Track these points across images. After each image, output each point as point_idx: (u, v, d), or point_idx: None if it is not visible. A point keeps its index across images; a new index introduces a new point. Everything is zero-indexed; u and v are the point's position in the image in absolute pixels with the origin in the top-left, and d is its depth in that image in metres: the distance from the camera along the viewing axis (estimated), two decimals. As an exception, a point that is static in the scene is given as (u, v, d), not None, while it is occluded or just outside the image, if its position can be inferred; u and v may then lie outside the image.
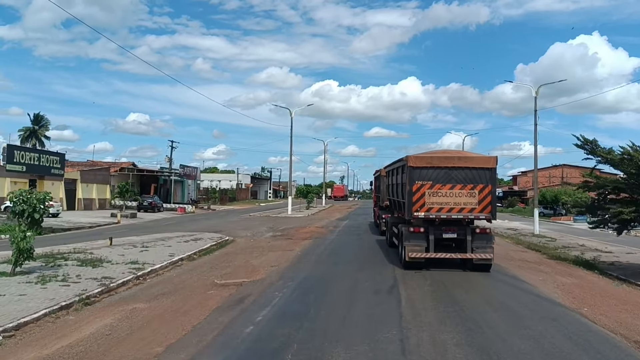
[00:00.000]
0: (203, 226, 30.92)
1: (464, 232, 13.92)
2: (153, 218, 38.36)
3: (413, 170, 14.06)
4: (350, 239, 23.48)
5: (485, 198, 13.73)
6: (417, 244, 13.89)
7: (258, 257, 17.10)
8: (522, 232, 32.26)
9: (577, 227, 45.88)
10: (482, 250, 13.87)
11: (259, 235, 25.11)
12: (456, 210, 13.74)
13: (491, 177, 13.99)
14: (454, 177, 13.80)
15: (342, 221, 36.30)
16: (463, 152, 18.12)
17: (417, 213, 13.83)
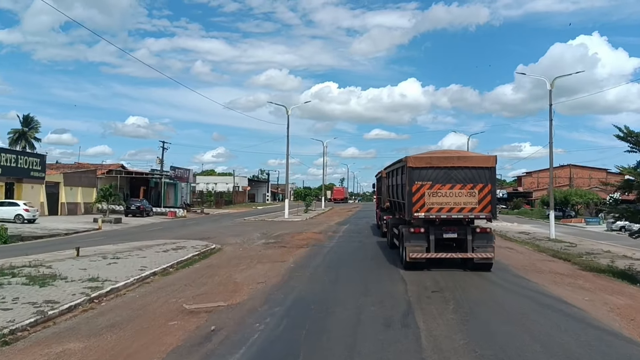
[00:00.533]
0: (191, 232, 28.54)
1: (464, 232, 13.93)
2: (139, 223, 35.92)
3: (412, 170, 14.04)
4: (351, 246, 21.02)
5: (485, 197, 13.72)
6: (417, 245, 13.91)
7: (244, 270, 14.67)
8: (536, 237, 29.89)
9: (591, 229, 43.46)
10: (482, 250, 13.87)
11: (250, 243, 22.69)
12: (456, 210, 13.74)
13: (491, 177, 13.95)
14: (453, 177, 13.79)
15: (342, 225, 33.79)
16: (462, 151, 17.76)
17: (417, 213, 13.82)
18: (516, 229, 38.74)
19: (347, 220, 41.72)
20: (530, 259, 17.35)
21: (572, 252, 20.33)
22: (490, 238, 14.24)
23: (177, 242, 22.07)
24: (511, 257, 17.57)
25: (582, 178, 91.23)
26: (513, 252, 19.36)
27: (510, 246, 21.58)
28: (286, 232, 28.00)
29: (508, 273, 13.89)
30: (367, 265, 15.47)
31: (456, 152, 16.17)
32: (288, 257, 17.28)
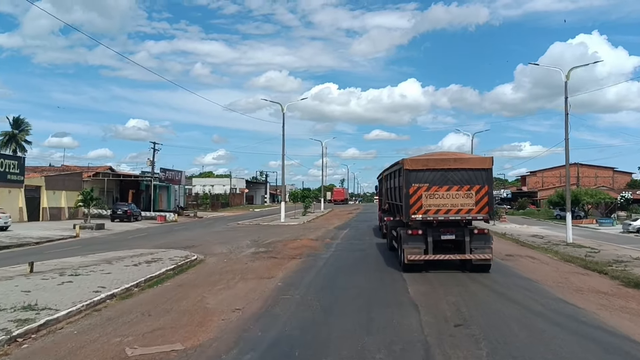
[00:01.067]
0: (176, 240, 26.08)
1: (462, 233, 14.01)
2: (124, 229, 33.42)
3: (409, 173, 14.12)
4: (350, 257, 18.47)
5: (482, 199, 13.76)
6: (415, 246, 14.03)
7: (222, 290, 12.20)
8: (552, 241, 27.43)
9: (606, 231, 40.88)
10: (480, 251, 13.93)
11: (238, 252, 20.22)
12: (453, 212, 13.83)
13: (487, 178, 13.97)
14: (450, 178, 13.84)
15: (342, 230, 31.25)
16: (459, 153, 17.86)
17: (414, 215, 13.93)
18: (526, 231, 36.30)
19: (347, 223, 39.24)
20: (560, 272, 14.80)
21: (598, 259, 17.88)
22: (488, 239, 14.23)
23: (155, 252, 19.62)
24: (538, 270, 15.08)
25: (588, 177, 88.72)
26: (537, 262, 16.88)
27: (530, 255, 19.08)
28: (280, 238, 25.50)
29: (544, 294, 11.38)
30: (370, 284, 12.93)
31: (453, 154, 16.05)
32: (277, 272, 14.80)
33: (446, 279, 13.01)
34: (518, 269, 15.12)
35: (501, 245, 23.64)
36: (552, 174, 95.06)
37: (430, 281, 12.76)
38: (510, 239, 27.83)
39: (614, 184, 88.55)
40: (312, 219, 44.77)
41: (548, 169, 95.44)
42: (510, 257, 18.11)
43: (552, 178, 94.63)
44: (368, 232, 29.50)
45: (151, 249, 20.74)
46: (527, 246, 23.11)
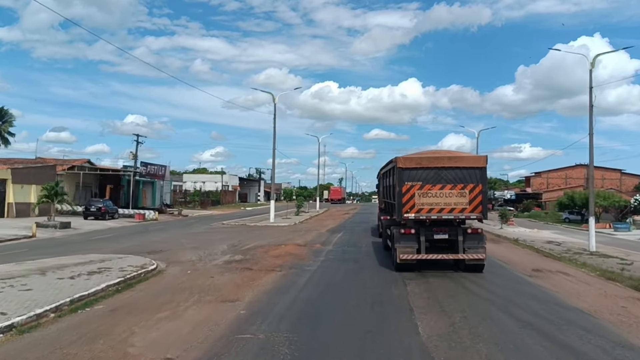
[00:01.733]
0: (143, 242, 22.78)
1: (455, 233, 13.87)
2: (93, 229, 30.03)
3: (402, 171, 14.00)
4: (342, 271, 15.04)
5: (476, 198, 13.62)
6: (408, 246, 13.84)
7: (162, 321, 8.92)
8: (571, 249, 24.33)
9: (623, 237, 37.58)
10: (474, 251, 13.75)
11: (208, 261, 16.94)
12: (447, 211, 13.67)
13: (481, 177, 13.83)
14: (443, 177, 13.69)
15: (335, 234, 27.83)
16: (452, 152, 17.20)
17: (407, 214, 13.78)
18: (538, 236, 33.08)
19: (341, 225, 35.84)
20: (610, 297, 11.40)
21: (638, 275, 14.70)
22: (482, 239, 14.04)
23: (109, 259, 16.34)
24: (580, 293, 11.71)
25: (595, 179, 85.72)
26: (574, 281, 13.53)
27: (561, 269, 15.74)
28: (263, 243, 22.15)
29: (610, 337, 7.97)
30: (364, 313, 9.59)
31: (446, 153, 15.80)
32: (245, 292, 11.49)
33: (471, 309, 9.70)
34: (555, 291, 11.85)
35: (521, 255, 20.47)
36: (558, 175, 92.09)
37: (447, 312, 9.39)
38: (526, 245, 24.65)
39: (621, 186, 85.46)
40: (305, 220, 41.44)
41: (553, 170, 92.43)
42: (539, 272, 14.81)
43: (558, 179, 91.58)
44: (364, 236, 26.18)
45: (106, 255, 17.46)
46: (551, 257, 19.82)
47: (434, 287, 11.86)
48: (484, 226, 41.71)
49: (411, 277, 13.37)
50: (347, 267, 15.69)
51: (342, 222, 39.07)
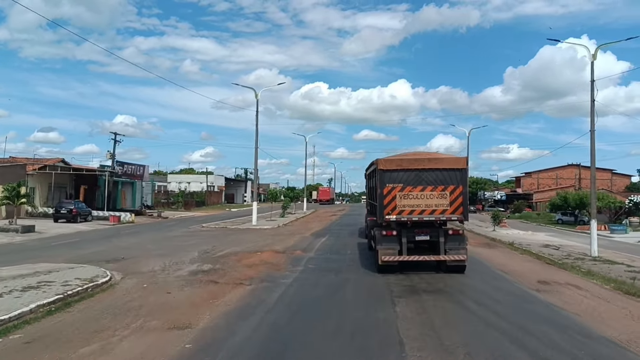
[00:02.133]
0: (109, 248, 20.73)
1: (436, 234, 13.92)
2: (59, 232, 27.78)
3: (383, 173, 14.00)
4: (321, 285, 13.03)
5: (457, 199, 13.64)
6: (389, 247, 13.86)
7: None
8: (571, 253, 22.64)
9: (621, 240, 35.95)
10: (455, 252, 13.84)
11: (172, 271, 14.93)
12: (428, 212, 13.70)
13: (462, 178, 13.88)
14: (424, 179, 13.72)
15: (319, 238, 25.82)
16: (433, 153, 17.38)
17: (388, 216, 13.79)
18: (533, 239, 31.37)
19: (327, 228, 33.82)
20: (638, 319, 9.66)
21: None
22: (463, 240, 14.14)
23: (57, 270, 14.28)
24: (604, 314, 9.78)
25: (585, 179, 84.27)
26: (588, 296, 11.62)
27: (570, 281, 13.80)
28: (238, 249, 20.12)
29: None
30: (342, 348, 7.52)
31: (427, 154, 15.75)
32: (202, 314, 9.52)
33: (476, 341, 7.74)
34: (572, 312, 9.94)
35: (520, 262, 18.61)
36: (548, 175, 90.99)
37: (447, 347, 7.33)
38: (523, 250, 22.89)
39: (612, 186, 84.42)
40: (290, 222, 39.41)
41: (544, 170, 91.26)
42: (547, 285, 12.92)
43: (548, 180, 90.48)
44: (350, 241, 24.24)
45: (57, 265, 15.38)
46: (553, 264, 17.98)
47: (428, 308, 9.93)
48: (477, 228, 40.29)
49: (400, 293, 11.47)
50: (328, 279, 13.69)
51: (328, 225, 37.10)
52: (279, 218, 42.58)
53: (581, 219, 53.46)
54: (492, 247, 23.62)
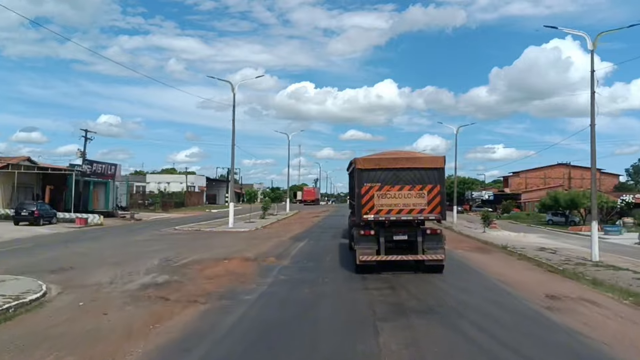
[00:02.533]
0: (60, 254, 18.59)
1: (414, 234, 13.92)
2: (12, 237, 25.14)
3: (361, 172, 14.02)
4: (292, 302, 10.97)
5: (435, 198, 13.71)
6: (367, 247, 13.82)
7: None
8: (570, 258, 20.99)
9: (618, 241, 34.03)
10: (433, 252, 13.84)
11: (121, 284, 12.79)
12: (405, 212, 13.73)
13: (440, 177, 13.97)
14: (402, 178, 13.74)
15: (297, 242, 23.67)
16: (411, 152, 17.57)
17: (366, 216, 13.81)
18: (527, 241, 29.65)
19: (308, 230, 31.78)
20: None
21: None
22: (440, 239, 14.11)
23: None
24: (637, 341, 7.95)
25: (574, 178, 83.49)
26: (610, 315, 9.60)
27: (583, 295, 11.80)
28: (205, 256, 17.94)
29: None
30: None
31: (405, 153, 15.87)
32: (132, 347, 7.41)
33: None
34: (598, 338, 7.99)
35: (520, 270, 16.69)
36: (536, 174, 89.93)
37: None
38: (521, 256, 21.09)
39: (600, 186, 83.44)
40: (270, 224, 37.33)
41: (532, 170, 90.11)
42: (556, 300, 10.97)
43: (537, 179, 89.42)
44: (332, 245, 22.21)
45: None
46: (557, 272, 16.10)
47: (419, 338, 7.90)
48: (466, 229, 38.47)
49: (385, 315, 9.43)
50: (300, 294, 11.57)
51: (310, 227, 35.04)
52: (259, 220, 40.45)
53: (572, 220, 52.07)
54: (487, 252, 21.74)
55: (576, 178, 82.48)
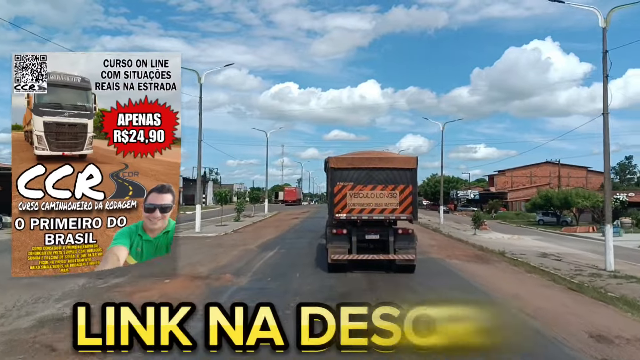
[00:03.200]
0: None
1: (386, 233, 14.18)
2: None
3: (334, 171, 14.22)
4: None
5: (407, 199, 13.97)
6: (339, 246, 14.05)
7: None
8: (579, 266, 18.34)
9: (620, 244, 30.40)
10: (404, 251, 14.09)
11: (13, 318, 9.52)
12: (377, 211, 13.97)
13: (412, 178, 14.20)
14: (375, 177, 13.97)
15: (267, 251, 20.21)
16: (384, 152, 18.10)
17: (338, 214, 14.03)
18: (524, 245, 26.82)
19: (282, 235, 28.39)
20: None
21: None
22: (412, 239, 14.35)
23: None
24: None
25: (563, 177, 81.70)
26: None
27: (631, 331, 8.88)
28: (145, 272, 14.17)
29: None
30: None
31: (378, 153, 16.12)
32: None
33: None
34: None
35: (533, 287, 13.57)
36: (522, 173, 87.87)
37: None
38: (522, 263, 18.16)
39: (587, 184, 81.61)
40: (243, 227, 34.01)
41: (518, 168, 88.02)
42: (610, 346, 7.80)
43: (523, 178, 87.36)
44: (306, 255, 18.95)
45: None
46: (582, 291, 13.01)
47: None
48: (455, 232, 35.50)
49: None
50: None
51: (285, 231, 31.67)
52: (233, 222, 37.11)
53: (564, 220, 49.69)
54: (486, 262, 18.65)
55: (564, 176, 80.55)
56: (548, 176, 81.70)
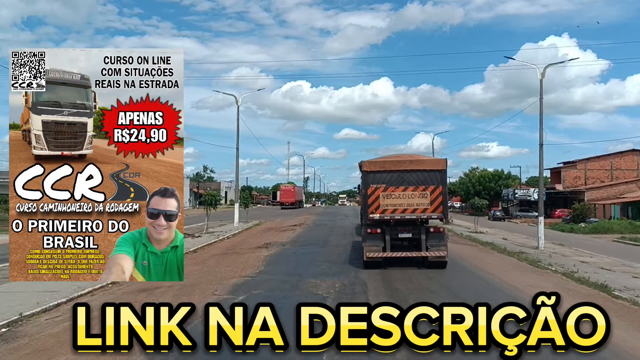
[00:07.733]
0: None
1: (418, 232, 18.47)
2: None
3: (367, 174, 18.67)
4: None
5: (437, 199, 18.20)
6: (374, 244, 18.56)
7: None
8: None
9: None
10: (436, 249, 18.50)
11: None
12: (409, 211, 18.26)
13: (442, 179, 18.59)
14: (406, 179, 18.43)
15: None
16: (415, 155, 21.82)
17: (372, 215, 18.34)
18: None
19: (256, 274, 18.82)
20: None
21: None
22: (443, 237, 18.66)
23: None
24: None
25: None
26: None
27: None
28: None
29: None
30: None
31: (408, 156, 20.22)
32: None
33: None
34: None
35: None
36: (600, 165, 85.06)
37: None
38: None
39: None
40: (205, 245, 27.17)
41: (593, 158, 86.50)
42: None
43: (600, 172, 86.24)
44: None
45: None
46: None
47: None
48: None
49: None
50: None
51: (252, 273, 21.64)
52: (193, 239, 28.93)
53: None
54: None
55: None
56: (636, 169, 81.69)
